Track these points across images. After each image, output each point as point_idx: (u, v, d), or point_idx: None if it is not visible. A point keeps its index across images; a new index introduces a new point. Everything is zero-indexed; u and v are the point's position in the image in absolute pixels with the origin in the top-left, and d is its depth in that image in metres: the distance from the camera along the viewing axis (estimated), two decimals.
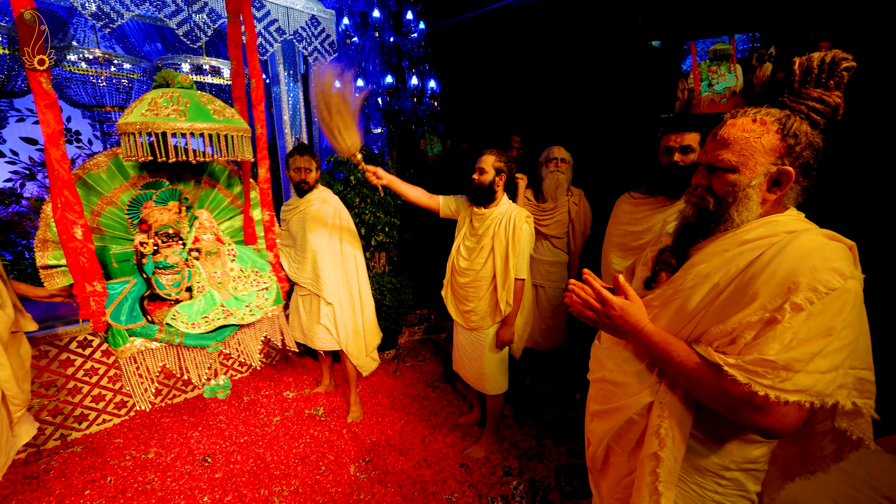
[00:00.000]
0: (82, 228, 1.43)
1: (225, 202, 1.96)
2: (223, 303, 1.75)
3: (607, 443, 1.02)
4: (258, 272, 1.89)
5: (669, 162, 1.64)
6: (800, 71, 0.82)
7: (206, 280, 1.75)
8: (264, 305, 1.84)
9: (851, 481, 1.28)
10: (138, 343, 1.57)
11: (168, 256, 1.66)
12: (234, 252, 1.85)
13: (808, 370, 0.70)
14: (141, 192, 1.70)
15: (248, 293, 1.82)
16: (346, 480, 2.08)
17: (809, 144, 0.80)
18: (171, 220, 1.68)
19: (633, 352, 0.96)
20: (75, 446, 2.29)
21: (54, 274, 1.57)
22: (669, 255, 0.98)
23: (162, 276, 1.67)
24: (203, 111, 1.49)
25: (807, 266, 0.72)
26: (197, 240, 1.74)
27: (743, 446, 0.86)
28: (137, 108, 1.45)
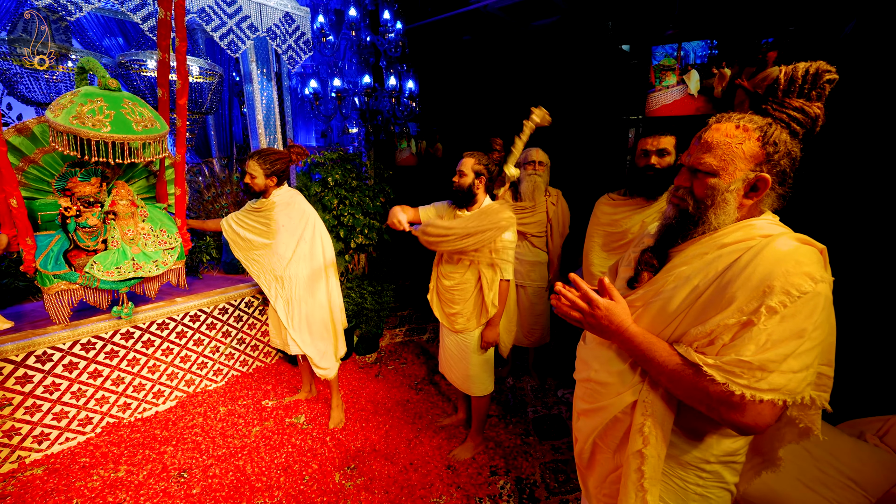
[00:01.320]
0: (17, 199, 1.88)
1: (139, 165, 2.26)
2: (134, 257, 2.18)
3: (593, 440, 1.05)
4: (166, 231, 2.32)
5: (646, 165, 1.70)
6: (785, 80, 0.85)
7: (120, 237, 2.18)
8: (168, 261, 2.31)
9: (819, 464, 1.36)
10: (63, 285, 2.06)
11: (88, 219, 2.07)
12: (146, 214, 2.28)
13: (781, 370, 0.74)
14: (67, 169, 2.01)
15: (156, 250, 2.27)
16: (331, 489, 2.04)
17: (788, 153, 0.84)
18: (92, 192, 2.06)
19: (616, 352, 0.99)
20: (35, 468, 2.13)
21: None
22: (651, 256, 1.00)
23: (83, 234, 2.10)
24: (125, 123, 1.82)
25: (780, 270, 0.76)
26: (114, 203, 2.16)
27: (721, 440, 0.91)
28: (66, 110, 1.73)
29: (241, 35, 2.58)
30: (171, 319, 2.60)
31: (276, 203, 2.31)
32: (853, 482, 1.30)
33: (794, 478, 1.35)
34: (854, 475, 1.31)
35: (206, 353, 2.82)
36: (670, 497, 0.93)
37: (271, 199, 2.32)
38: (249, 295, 2.97)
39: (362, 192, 3.33)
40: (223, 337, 2.89)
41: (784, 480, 1.36)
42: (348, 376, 3.06)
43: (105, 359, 2.37)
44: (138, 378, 2.51)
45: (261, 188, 2.29)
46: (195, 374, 2.79)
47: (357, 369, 3.19)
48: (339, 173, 3.13)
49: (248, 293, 2.97)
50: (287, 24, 2.81)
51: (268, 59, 2.97)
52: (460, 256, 2.00)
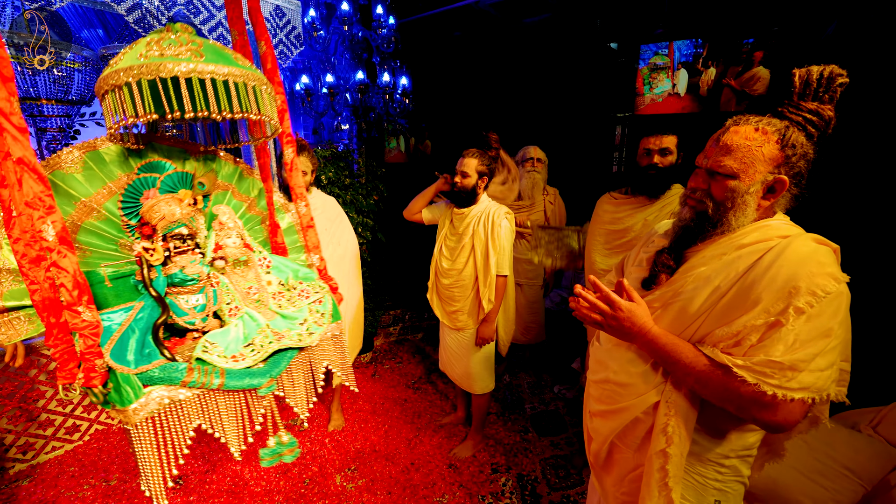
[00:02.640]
0: (55, 226, 0.91)
1: (242, 208, 1.40)
2: (269, 324, 1.21)
3: (612, 441, 1.05)
4: (303, 282, 1.35)
5: (649, 164, 1.72)
6: (799, 83, 0.87)
7: (239, 298, 1.22)
8: (322, 322, 1.28)
9: (816, 455, 1.41)
10: (157, 395, 0.96)
11: (185, 267, 1.13)
12: (268, 261, 1.32)
13: (810, 369, 0.76)
14: (139, 176, 1.14)
15: (299, 309, 1.28)
16: (332, 491, 2.02)
17: (804, 155, 0.85)
18: (183, 216, 1.14)
19: (637, 353, 0.99)
20: (20, 480, 2.05)
21: (14, 320, 1.01)
22: (668, 258, 1.01)
23: (179, 297, 1.14)
24: (223, 54, 1.02)
25: (805, 271, 0.77)
26: (219, 246, 1.21)
27: (741, 435, 0.93)
28: (129, 53, 0.98)
29: None
30: None
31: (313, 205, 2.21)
32: (849, 471, 1.35)
33: (793, 468, 1.40)
34: (850, 464, 1.36)
35: None
36: (689, 494, 0.94)
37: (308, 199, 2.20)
38: None
39: (355, 191, 3.28)
40: None
41: (783, 471, 1.40)
42: None
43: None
44: None
45: (308, 187, 2.19)
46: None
47: (353, 369, 3.15)
48: (333, 171, 3.08)
49: None
50: (277, 18, 2.74)
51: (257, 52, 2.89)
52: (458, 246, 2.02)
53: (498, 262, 1.97)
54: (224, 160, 1.35)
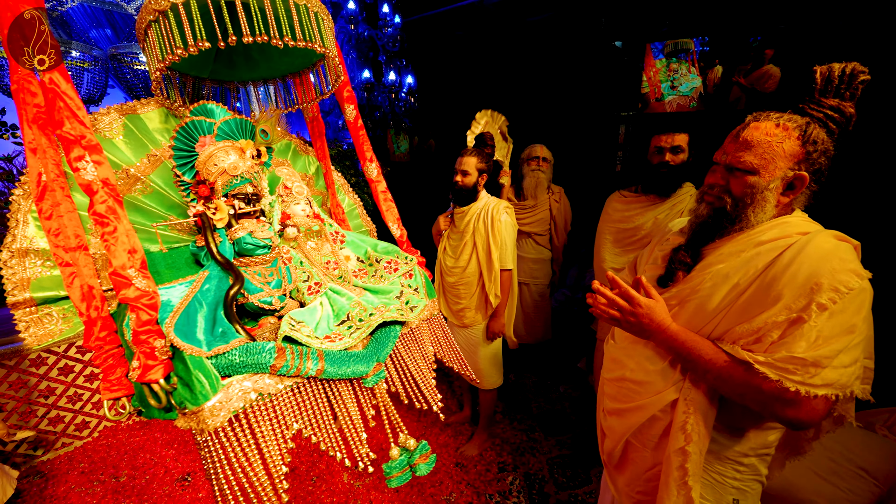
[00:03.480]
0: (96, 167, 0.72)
1: None
2: (360, 300, 0.97)
3: (627, 439, 1.05)
4: (387, 255, 1.13)
5: (661, 162, 1.71)
6: (821, 80, 0.86)
7: (319, 273, 1.00)
8: (419, 298, 1.06)
9: (831, 455, 1.40)
10: (241, 388, 0.73)
11: (254, 231, 0.91)
12: (342, 235, 1.13)
13: (833, 365, 0.75)
14: (192, 118, 0.93)
15: (391, 282, 1.06)
16: (340, 489, 2.02)
17: (825, 152, 0.84)
18: (248, 170, 0.92)
19: (654, 350, 0.98)
20: (31, 476, 2.07)
21: (44, 317, 0.82)
22: (685, 255, 1.00)
23: (249, 270, 0.91)
24: None
25: (827, 268, 0.77)
26: (286, 216, 1.01)
27: (760, 433, 0.92)
28: None
29: None
30: None
31: None
32: (864, 471, 1.34)
33: (807, 468, 1.39)
34: (865, 465, 1.35)
35: None
36: (708, 492, 0.94)
37: None
38: None
39: (360, 190, 3.28)
40: None
41: (797, 471, 1.39)
42: None
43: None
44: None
45: None
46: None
47: None
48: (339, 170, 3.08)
49: None
50: None
51: None
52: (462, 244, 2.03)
53: (501, 257, 1.97)
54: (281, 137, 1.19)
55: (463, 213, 2.05)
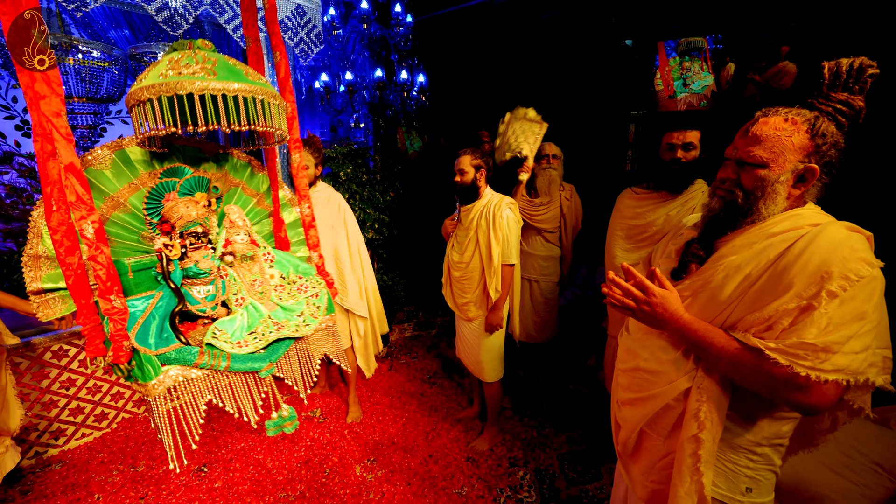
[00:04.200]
0: (94, 226, 1.06)
1: (251, 203, 1.54)
2: (270, 314, 1.37)
3: (641, 429, 1.06)
4: (303, 277, 1.51)
5: (672, 158, 1.72)
6: (829, 75, 0.87)
7: (244, 290, 1.38)
8: (317, 314, 1.44)
9: (843, 450, 1.40)
10: (174, 373, 1.14)
11: (199, 261, 1.29)
12: (272, 256, 1.48)
13: (843, 351, 0.76)
14: (161, 180, 1.29)
15: (297, 301, 1.43)
16: (353, 481, 2.05)
17: (834, 144, 0.86)
18: (199, 216, 1.30)
19: (668, 340, 1.00)
20: (53, 464, 2.12)
21: (50, 300, 1.16)
22: (698, 248, 1.01)
23: (193, 287, 1.29)
24: (234, 70, 1.14)
25: (837, 256, 0.78)
26: (228, 242, 1.37)
27: (772, 423, 0.93)
28: (153, 71, 1.12)
29: None
30: None
31: (317, 198, 2.30)
32: (879, 466, 1.34)
33: (820, 462, 1.39)
34: (879, 460, 1.35)
35: None
36: (721, 481, 0.95)
37: (312, 192, 2.29)
38: None
39: (372, 187, 3.32)
40: None
41: (810, 465, 1.40)
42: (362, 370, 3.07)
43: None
44: None
45: (313, 179, 2.26)
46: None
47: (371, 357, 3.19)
48: (350, 168, 3.12)
49: None
50: (299, 17, 2.78)
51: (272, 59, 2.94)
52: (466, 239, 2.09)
53: (502, 252, 2.00)
54: (237, 157, 1.51)
55: (468, 210, 2.10)
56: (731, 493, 0.95)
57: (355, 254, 2.44)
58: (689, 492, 0.92)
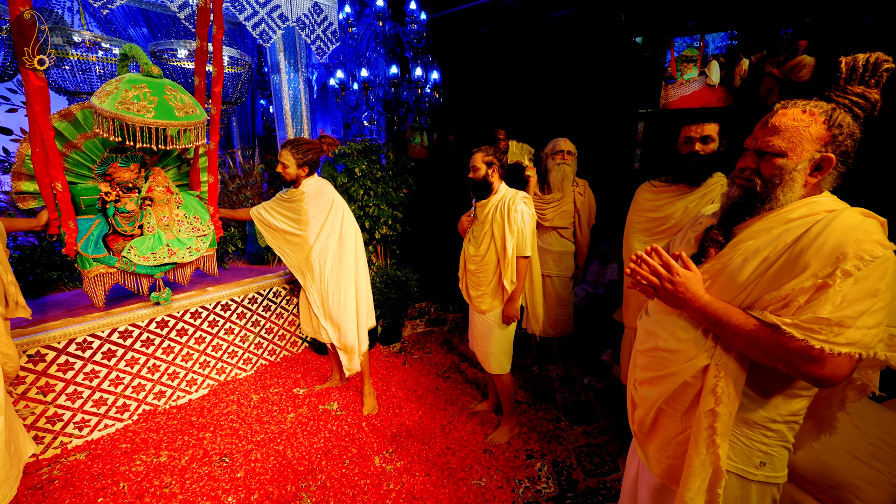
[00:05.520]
0: (62, 184, 1.94)
1: (175, 152, 2.36)
2: (168, 243, 2.25)
3: (659, 406, 1.09)
4: (199, 218, 2.38)
5: (690, 152, 1.73)
6: (846, 69, 0.91)
7: (155, 223, 2.24)
8: (201, 248, 2.37)
9: (868, 439, 1.41)
10: (101, 267, 2.13)
11: (126, 204, 2.14)
12: (180, 200, 2.33)
13: (857, 326, 0.80)
14: (109, 155, 2.11)
15: (189, 237, 2.32)
16: (372, 472, 2.07)
17: (850, 135, 0.90)
18: (131, 178, 2.17)
19: (687, 320, 1.03)
20: (77, 454, 2.16)
21: (27, 198, 2.00)
22: (717, 233, 1.05)
23: (121, 219, 2.16)
24: (168, 109, 1.83)
25: (852, 238, 0.81)
26: (151, 189, 2.22)
27: (787, 400, 0.96)
28: (112, 96, 1.74)
29: (273, 25, 2.58)
30: (203, 308, 2.62)
31: (306, 193, 2.34)
32: None
33: (846, 451, 1.40)
34: None
35: (236, 343, 2.84)
36: (736, 454, 0.98)
37: (301, 188, 2.35)
38: (277, 285, 2.99)
39: (385, 184, 3.35)
40: (252, 326, 2.91)
41: (834, 453, 1.40)
42: (376, 364, 3.09)
43: (141, 346, 2.39)
44: (172, 366, 2.54)
45: (292, 178, 2.32)
46: (226, 363, 2.81)
47: (383, 358, 3.22)
48: (365, 164, 3.15)
49: (277, 283, 2.99)
50: (315, 14, 2.82)
51: (295, 49, 2.98)
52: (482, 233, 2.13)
53: (517, 245, 2.04)
54: None
55: (483, 205, 2.15)
56: (744, 466, 0.99)
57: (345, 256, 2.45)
58: (704, 463, 0.96)
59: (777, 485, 1.01)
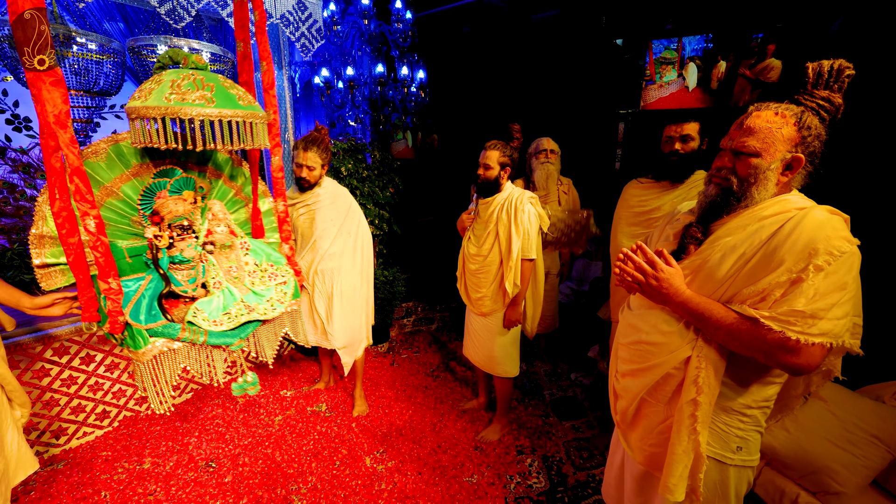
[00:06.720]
0: (95, 220, 1.24)
1: (230, 194, 1.73)
2: (243, 298, 1.58)
3: (642, 397, 1.13)
4: (274, 265, 1.71)
5: (671, 150, 1.78)
6: (813, 74, 0.97)
7: (222, 275, 1.57)
8: (284, 300, 1.66)
9: (844, 425, 1.47)
10: (160, 344, 1.40)
11: (183, 250, 1.48)
12: (247, 245, 1.67)
13: (828, 317, 0.86)
14: (154, 180, 1.45)
15: (267, 287, 1.65)
16: (363, 472, 2.06)
17: (818, 136, 0.96)
18: (185, 211, 1.48)
19: (669, 314, 1.07)
20: (56, 463, 2.08)
21: (52, 273, 1.35)
22: (697, 230, 1.10)
23: (177, 272, 1.48)
24: (229, 97, 1.32)
25: (822, 235, 0.87)
26: (210, 232, 1.56)
27: (762, 387, 1.02)
28: (156, 90, 1.25)
29: None
30: None
31: (322, 196, 2.25)
32: (877, 439, 1.41)
33: (822, 437, 1.46)
34: (877, 433, 1.42)
35: None
36: (714, 440, 1.04)
37: (316, 192, 2.25)
38: None
39: (372, 183, 3.33)
40: None
41: (813, 440, 1.46)
42: (364, 365, 3.07)
43: (122, 351, 2.31)
44: None
45: (316, 180, 2.21)
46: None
47: (371, 358, 3.20)
48: (351, 163, 3.13)
49: None
50: (300, 12, 2.78)
51: (278, 46, 2.93)
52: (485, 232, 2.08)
53: (523, 247, 2.00)
54: (220, 152, 1.66)
55: (487, 203, 2.09)
56: (723, 451, 1.04)
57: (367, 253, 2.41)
58: (686, 450, 1.01)
59: (752, 468, 1.07)
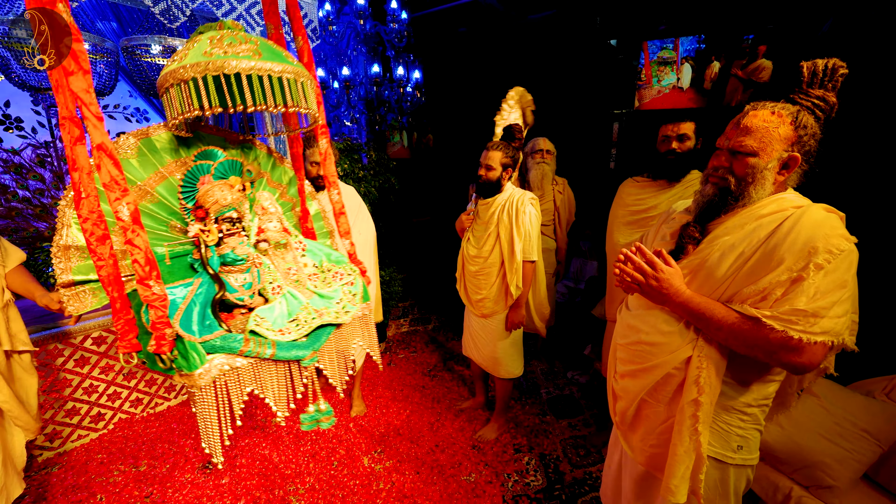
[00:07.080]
0: (129, 207, 0.97)
1: (275, 195, 1.48)
2: (308, 302, 1.29)
3: (642, 398, 1.13)
4: (335, 265, 1.43)
5: (668, 150, 1.80)
6: (807, 73, 0.98)
7: (280, 278, 1.30)
8: (355, 302, 1.36)
9: (835, 419, 1.50)
10: (219, 361, 1.06)
11: (235, 248, 1.22)
12: (304, 245, 1.42)
13: (829, 315, 0.86)
14: (196, 163, 1.23)
15: (333, 289, 1.36)
16: (361, 472, 2.06)
17: (813, 135, 0.96)
18: (234, 201, 1.23)
19: (669, 314, 1.07)
20: (50, 467, 2.06)
21: (81, 293, 1.09)
22: (694, 230, 1.09)
23: (230, 275, 1.22)
24: (276, 52, 1.08)
25: (821, 233, 0.88)
26: (261, 230, 1.31)
27: (762, 386, 1.02)
28: (193, 49, 1.02)
29: (252, 21, 2.53)
30: None
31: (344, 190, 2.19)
32: (867, 433, 1.44)
33: (814, 432, 1.48)
34: (867, 427, 1.45)
35: None
36: (715, 439, 1.04)
37: None
38: None
39: (368, 183, 3.32)
40: None
41: (806, 435, 1.49)
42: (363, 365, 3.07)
43: (116, 353, 2.30)
44: (150, 372, 2.45)
45: None
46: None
47: (368, 357, 3.19)
48: (347, 163, 3.12)
49: None
50: None
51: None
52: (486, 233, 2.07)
53: (524, 248, 1.99)
54: (259, 148, 1.42)
55: (488, 204, 2.08)
56: (724, 451, 1.04)
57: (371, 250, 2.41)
58: (687, 450, 1.01)
59: (751, 466, 1.07)
